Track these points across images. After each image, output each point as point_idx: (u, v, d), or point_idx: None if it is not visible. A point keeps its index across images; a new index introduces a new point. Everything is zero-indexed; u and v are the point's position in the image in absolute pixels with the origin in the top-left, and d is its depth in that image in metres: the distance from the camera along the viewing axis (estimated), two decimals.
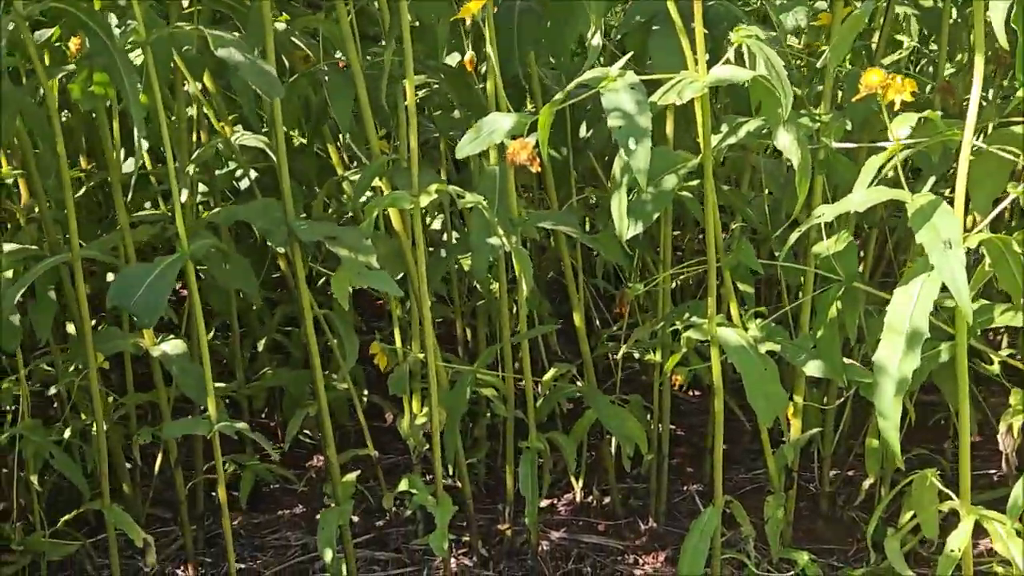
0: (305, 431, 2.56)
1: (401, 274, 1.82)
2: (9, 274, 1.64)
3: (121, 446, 2.17)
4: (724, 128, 1.57)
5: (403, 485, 1.83)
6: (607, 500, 2.39)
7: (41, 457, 1.76)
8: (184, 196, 1.88)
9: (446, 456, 1.85)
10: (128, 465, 2.27)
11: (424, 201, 1.62)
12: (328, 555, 1.76)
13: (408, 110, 1.62)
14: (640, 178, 1.34)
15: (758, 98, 1.49)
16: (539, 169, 1.37)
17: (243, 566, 2.15)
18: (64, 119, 2.26)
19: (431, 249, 1.99)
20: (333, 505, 1.86)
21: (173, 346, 1.90)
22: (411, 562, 2.16)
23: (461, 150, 1.43)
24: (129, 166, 2.21)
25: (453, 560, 2.15)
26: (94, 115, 1.91)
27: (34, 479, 1.80)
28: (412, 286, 2.03)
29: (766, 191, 2.22)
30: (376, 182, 1.84)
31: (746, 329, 1.66)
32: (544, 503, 2.38)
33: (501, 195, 1.71)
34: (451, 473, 2.08)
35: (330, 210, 2.29)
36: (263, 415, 2.80)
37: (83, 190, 2.22)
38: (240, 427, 1.56)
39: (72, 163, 2.38)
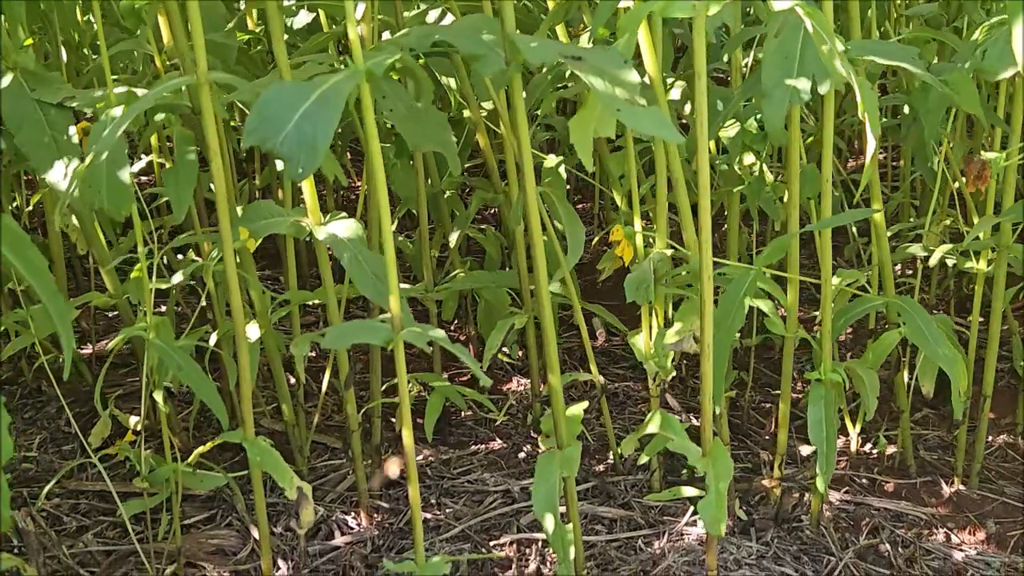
0: (502, 348, 2.08)
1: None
2: (117, 111, 1.17)
3: (280, 358, 1.71)
4: None
5: (652, 425, 1.31)
6: (892, 451, 1.82)
7: (166, 367, 1.31)
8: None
9: (715, 390, 1.32)
10: (291, 381, 1.83)
11: (714, 8, 1.07)
12: (549, 522, 1.26)
13: None
14: None
15: None
16: None
17: (429, 515, 1.68)
18: None
19: None
20: (552, 448, 1.35)
21: (345, 227, 1.42)
22: (645, 523, 1.65)
23: None
24: None
25: (701, 523, 1.63)
26: None
27: (158, 396, 1.35)
28: (657, 153, 1.49)
29: None
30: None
31: None
32: (805, 450, 1.83)
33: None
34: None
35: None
36: (452, 327, 2.32)
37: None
38: (435, 336, 1.06)
39: None
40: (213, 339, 1.63)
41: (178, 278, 1.48)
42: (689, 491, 1.64)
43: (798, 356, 2.04)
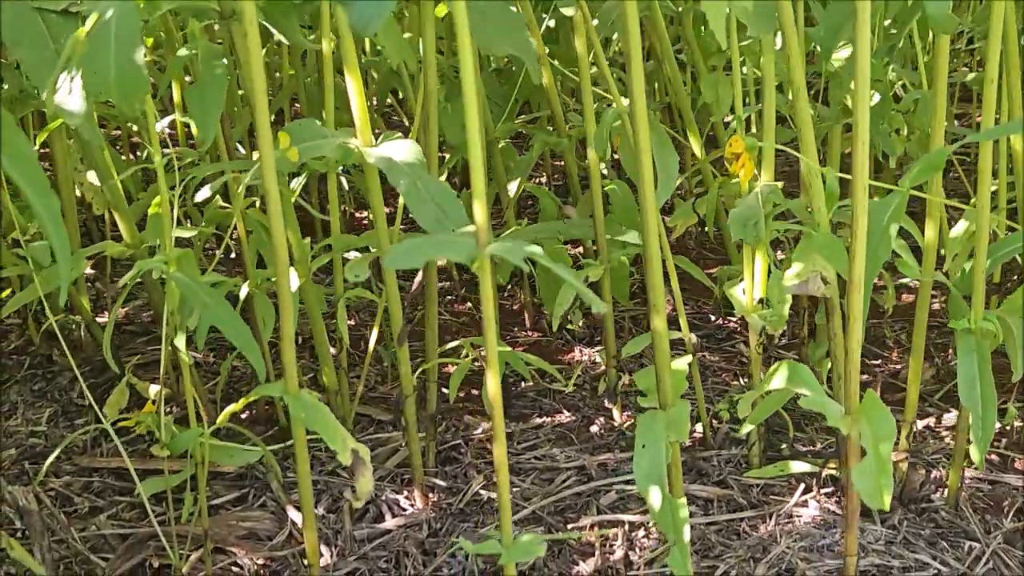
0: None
1: None
2: None
3: (320, 312, 1.49)
4: None
5: (778, 378, 1.07)
6: (1020, 424, 1.58)
7: (190, 308, 1.08)
8: None
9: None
10: (332, 350, 1.61)
11: None
12: (655, 496, 1.02)
13: None
14: None
15: None
16: None
17: (493, 495, 1.46)
18: None
19: None
20: (655, 407, 1.11)
21: (402, 149, 1.19)
22: (747, 503, 1.42)
23: None
24: None
25: (814, 502, 1.39)
26: None
27: (180, 342, 1.12)
28: (766, 63, 1.26)
29: None
30: None
31: None
32: (921, 422, 1.60)
33: None
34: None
35: None
36: (505, 293, 2.10)
37: None
38: (532, 251, 0.82)
39: None
40: (244, 291, 1.41)
41: (205, 200, 1.24)
42: (798, 466, 1.42)
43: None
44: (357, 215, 2.44)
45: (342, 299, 1.49)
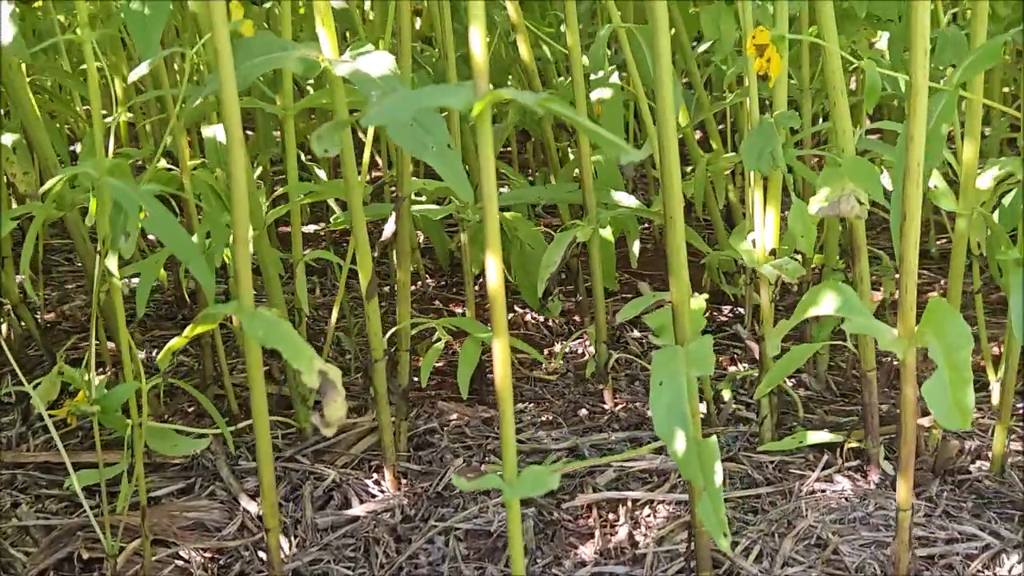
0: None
1: None
2: None
3: (278, 277, 1.32)
4: None
5: (826, 302, 0.91)
6: None
7: (125, 218, 0.90)
8: None
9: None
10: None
11: None
12: (679, 441, 0.86)
13: None
14: None
15: None
16: None
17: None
18: None
19: None
20: (673, 344, 0.95)
21: (374, 61, 1.04)
22: (762, 479, 1.25)
23: None
24: None
25: (841, 477, 1.23)
26: None
27: (111, 263, 0.93)
28: None
29: None
30: None
31: None
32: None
33: None
34: None
35: None
36: (478, 284, 1.93)
37: None
38: (539, 98, 0.66)
39: None
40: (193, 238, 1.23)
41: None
42: (817, 437, 1.26)
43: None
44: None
45: (301, 262, 1.32)
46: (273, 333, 0.80)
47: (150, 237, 1.88)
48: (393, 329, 1.25)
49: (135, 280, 1.38)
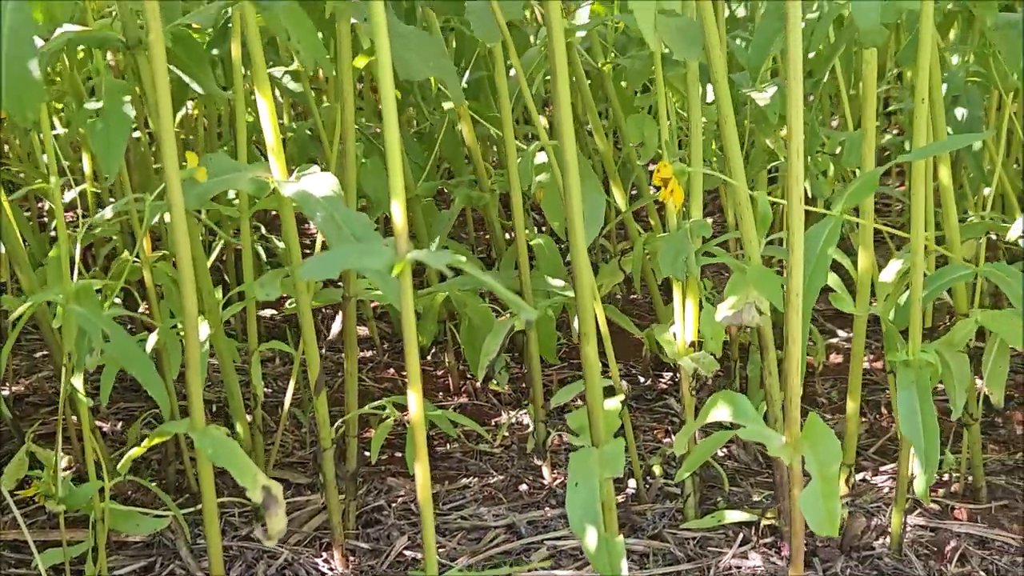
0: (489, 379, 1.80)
1: None
2: None
3: (234, 368, 1.41)
4: None
5: (720, 409, 1.02)
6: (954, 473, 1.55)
7: (88, 342, 1.00)
8: None
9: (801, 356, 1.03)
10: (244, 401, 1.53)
11: None
12: (591, 536, 0.96)
13: None
14: None
15: None
16: None
17: (419, 555, 1.38)
18: None
19: None
20: (588, 446, 1.06)
21: (318, 182, 1.13)
22: (684, 556, 1.35)
23: None
24: None
25: (755, 553, 1.33)
26: None
27: (77, 381, 1.03)
28: (692, 98, 1.24)
29: None
30: None
31: None
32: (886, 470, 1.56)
33: None
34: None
35: None
36: (428, 356, 2.03)
37: None
38: (456, 259, 0.76)
39: None
40: (152, 341, 1.33)
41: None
42: (735, 515, 1.36)
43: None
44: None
45: (256, 351, 1.41)
46: (222, 452, 0.89)
47: None
48: (341, 420, 1.34)
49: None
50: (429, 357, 2.02)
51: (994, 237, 1.62)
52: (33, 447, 1.52)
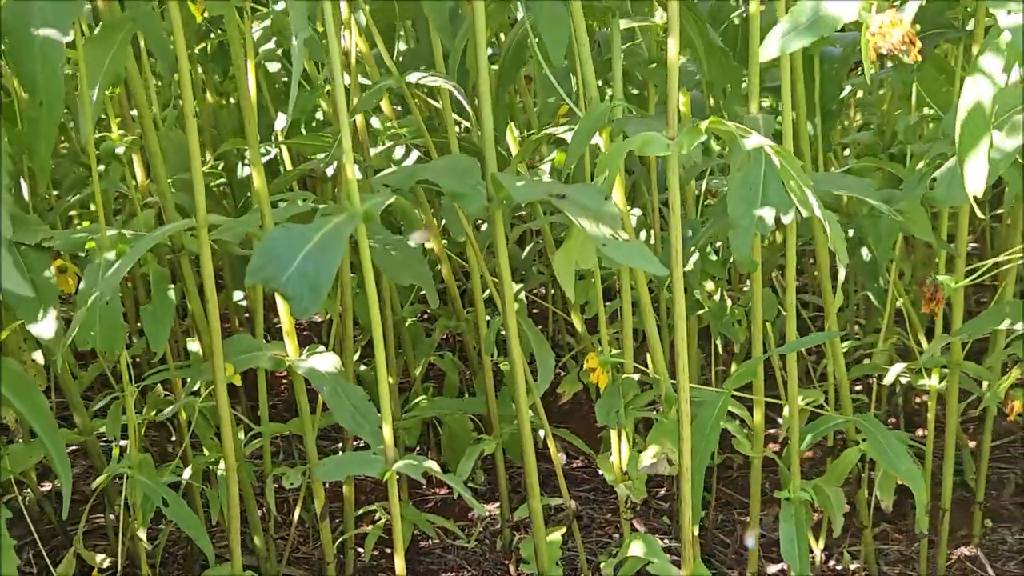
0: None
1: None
2: (112, 254, 1.21)
3: (251, 488, 1.72)
4: None
5: (634, 547, 1.33)
6: (855, 566, 1.86)
7: (152, 504, 1.31)
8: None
9: (694, 512, 1.35)
10: (259, 512, 1.83)
11: (687, 145, 1.14)
12: None
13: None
14: None
15: None
16: (917, 59, 0.88)
17: None
18: None
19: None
20: (536, 572, 1.37)
21: (325, 361, 1.45)
22: None
23: (774, 47, 0.95)
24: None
25: None
26: None
27: (142, 533, 1.35)
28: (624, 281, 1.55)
29: None
30: (595, 138, 1.37)
31: None
32: (771, 568, 1.87)
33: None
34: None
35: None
36: (415, 452, 2.33)
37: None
38: (429, 467, 1.09)
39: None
40: (187, 474, 1.63)
41: (169, 412, 1.49)
42: None
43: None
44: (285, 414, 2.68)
45: (270, 475, 1.72)
46: None
47: None
48: (341, 538, 1.65)
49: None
50: (415, 452, 2.33)
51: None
52: (80, 549, 1.83)
